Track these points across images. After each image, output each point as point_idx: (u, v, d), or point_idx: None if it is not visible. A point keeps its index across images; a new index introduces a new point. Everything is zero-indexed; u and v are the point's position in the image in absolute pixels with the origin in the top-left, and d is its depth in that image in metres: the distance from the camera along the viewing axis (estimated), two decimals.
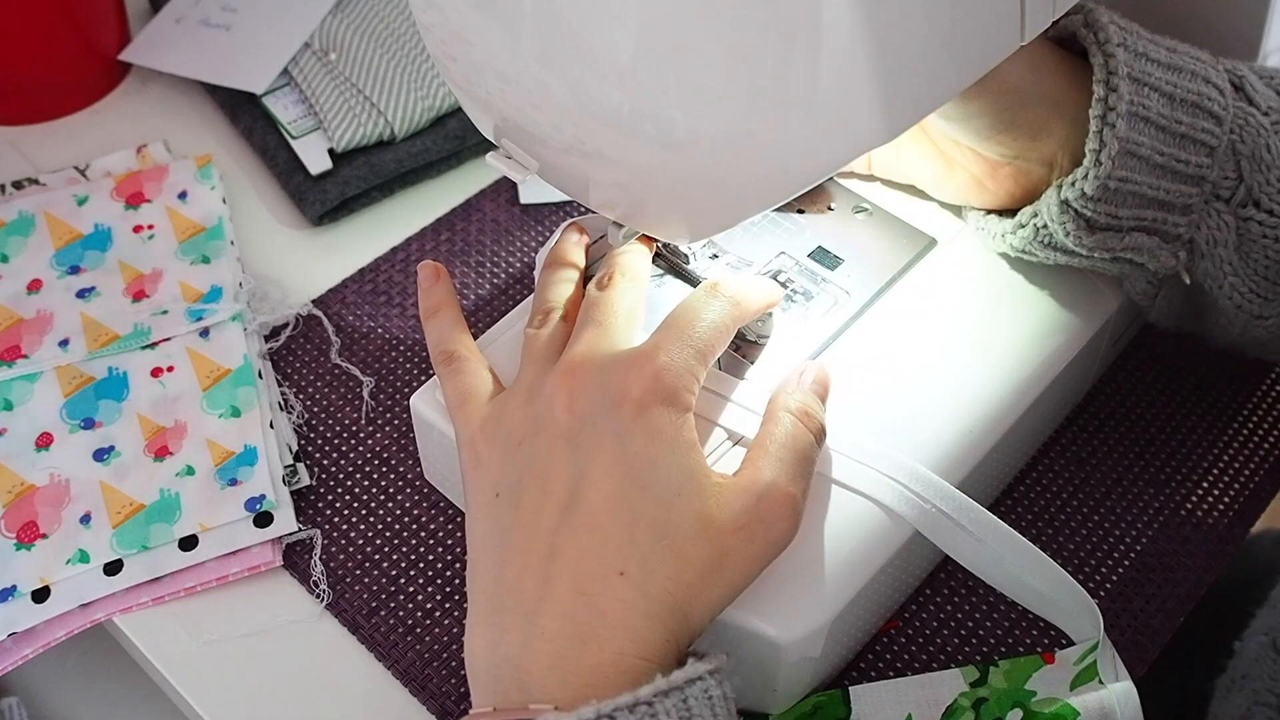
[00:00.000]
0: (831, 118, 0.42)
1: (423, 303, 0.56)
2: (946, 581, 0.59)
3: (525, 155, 0.49)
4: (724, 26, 0.39)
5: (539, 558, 0.45)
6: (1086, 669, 0.52)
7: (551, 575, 0.44)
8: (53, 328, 0.66)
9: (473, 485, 0.49)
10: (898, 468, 0.51)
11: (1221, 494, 0.63)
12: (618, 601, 0.44)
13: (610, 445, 0.46)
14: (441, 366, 0.53)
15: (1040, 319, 0.58)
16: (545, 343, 0.51)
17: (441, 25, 0.46)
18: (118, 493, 0.60)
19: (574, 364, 0.48)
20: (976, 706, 0.53)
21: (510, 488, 0.47)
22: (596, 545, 0.45)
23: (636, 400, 0.46)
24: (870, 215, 0.61)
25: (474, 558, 0.47)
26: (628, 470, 0.45)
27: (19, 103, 0.78)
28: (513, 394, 0.50)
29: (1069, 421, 0.65)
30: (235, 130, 0.78)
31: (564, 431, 0.47)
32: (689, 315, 0.49)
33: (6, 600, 0.57)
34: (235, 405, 0.63)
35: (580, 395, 0.47)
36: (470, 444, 0.50)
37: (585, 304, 0.51)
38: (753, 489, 0.47)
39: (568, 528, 0.45)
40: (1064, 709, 0.52)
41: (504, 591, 0.45)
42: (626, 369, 0.47)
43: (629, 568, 0.44)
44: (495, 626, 0.45)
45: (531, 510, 0.46)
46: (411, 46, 0.77)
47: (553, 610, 0.44)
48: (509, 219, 0.74)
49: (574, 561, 0.44)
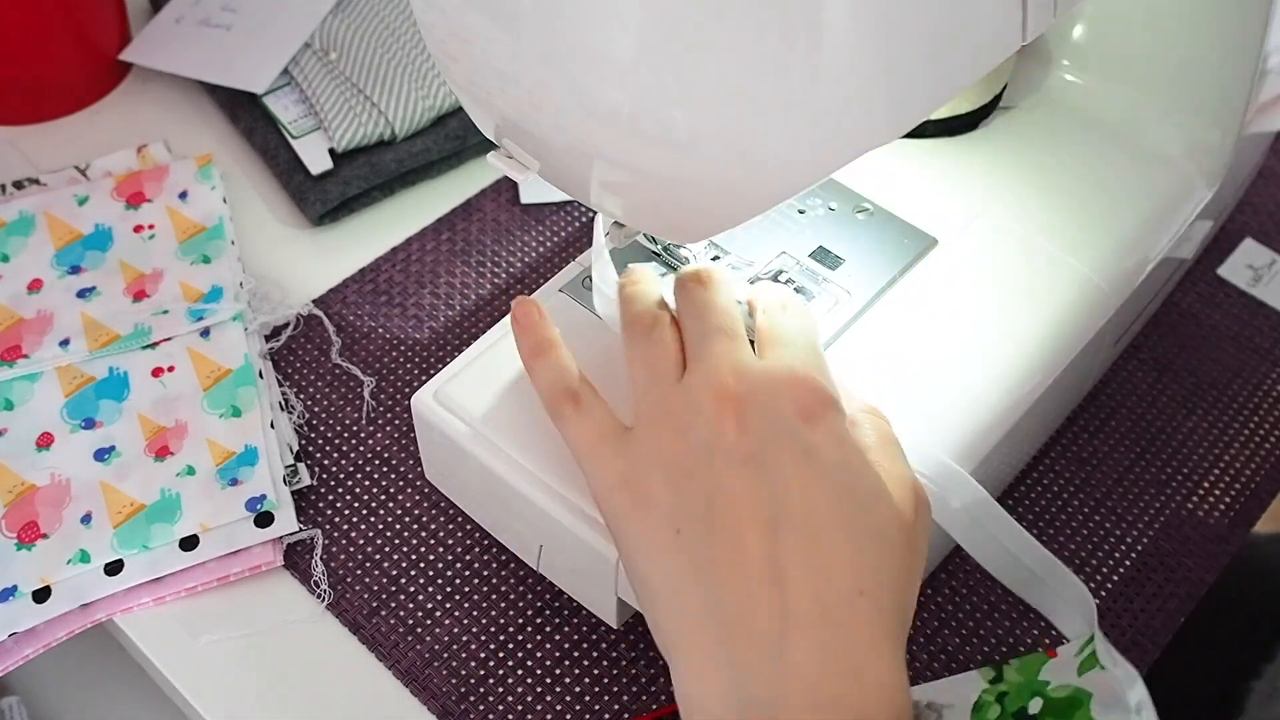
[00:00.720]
0: (832, 117, 0.42)
1: (525, 341, 0.51)
2: (947, 582, 0.59)
3: (526, 155, 0.49)
4: (725, 26, 0.39)
5: (764, 586, 0.41)
6: (1088, 658, 0.54)
7: (789, 604, 0.41)
8: (53, 328, 0.66)
9: (640, 526, 0.44)
10: (912, 455, 0.52)
11: (1223, 494, 0.63)
12: (866, 624, 0.41)
13: (802, 458, 0.43)
14: (565, 407, 0.48)
15: (1041, 320, 0.58)
16: (660, 358, 0.48)
17: (442, 25, 0.46)
18: (118, 493, 0.60)
19: (724, 383, 0.45)
20: (1000, 699, 0.55)
21: (697, 518, 0.43)
22: (828, 564, 0.41)
23: (811, 412, 0.44)
24: (871, 215, 0.61)
25: (668, 602, 0.43)
26: (829, 481, 0.43)
27: (19, 102, 0.78)
28: (656, 425, 0.46)
29: (1069, 421, 0.65)
30: (236, 130, 0.78)
31: (744, 455, 0.43)
32: (787, 332, 0.48)
33: (7, 600, 0.57)
34: (236, 405, 0.63)
35: (751, 415, 0.44)
36: (626, 485, 0.45)
37: (696, 311, 0.48)
38: (907, 483, 0.46)
39: (788, 551, 0.42)
40: (1078, 692, 0.53)
41: (727, 629, 0.41)
42: (789, 384, 0.45)
43: (866, 585, 0.41)
44: (729, 667, 0.41)
45: (732, 537, 0.42)
46: (412, 46, 0.77)
47: (802, 642, 0.40)
48: (510, 219, 0.74)
49: (810, 585, 0.41)
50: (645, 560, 0.44)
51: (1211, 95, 0.63)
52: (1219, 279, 0.72)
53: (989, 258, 0.60)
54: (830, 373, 0.47)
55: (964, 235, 0.60)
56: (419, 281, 0.71)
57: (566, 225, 0.74)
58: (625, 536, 0.45)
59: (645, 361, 0.48)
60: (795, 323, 0.49)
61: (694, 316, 0.48)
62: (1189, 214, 0.62)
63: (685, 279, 0.50)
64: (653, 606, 0.44)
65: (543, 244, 0.72)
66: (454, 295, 0.70)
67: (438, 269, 0.71)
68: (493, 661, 0.57)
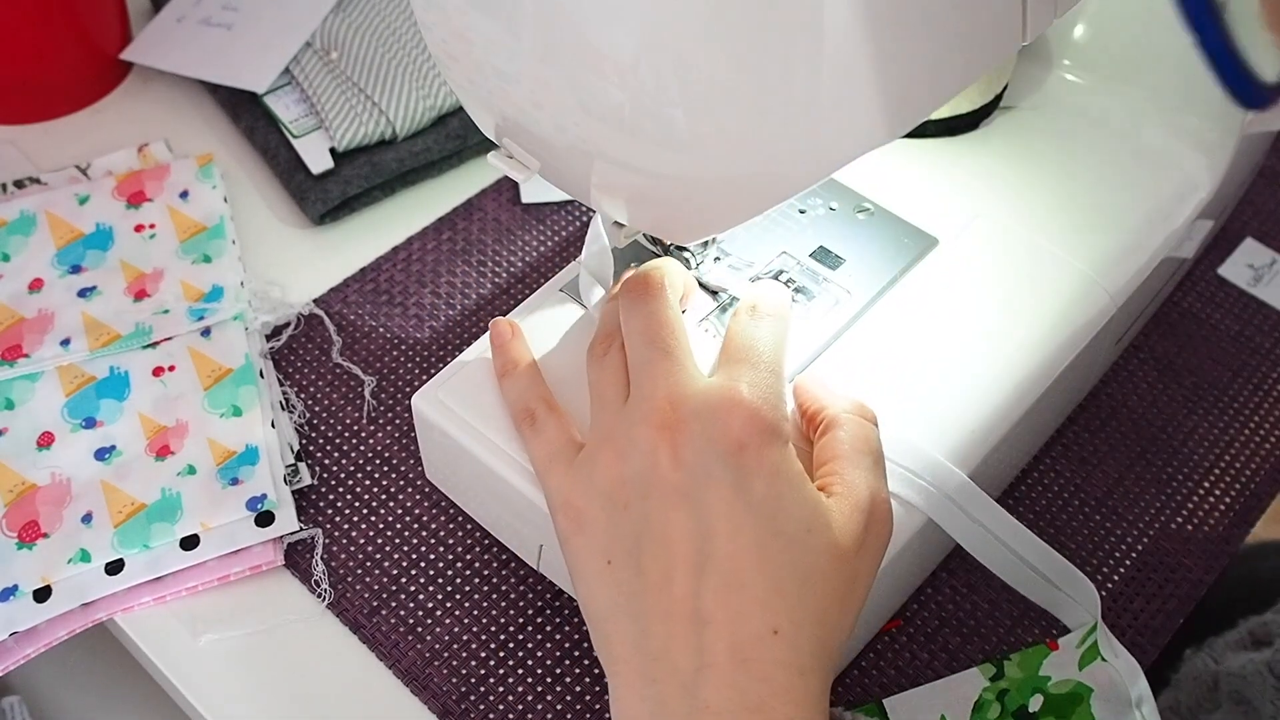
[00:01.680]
0: (832, 117, 0.42)
1: (498, 359, 0.53)
2: (948, 581, 0.59)
3: (526, 154, 0.49)
4: (725, 26, 0.39)
5: (684, 624, 0.42)
6: (1089, 650, 0.54)
7: (705, 644, 0.42)
8: (54, 327, 0.66)
9: (578, 551, 0.46)
10: (904, 454, 0.52)
11: (1222, 495, 0.63)
12: (777, 664, 0.42)
13: (730, 495, 0.43)
14: (524, 426, 0.50)
15: (1041, 319, 0.58)
16: (608, 382, 0.48)
17: (442, 24, 0.46)
18: (119, 492, 0.60)
19: (662, 411, 0.45)
20: (1000, 698, 0.55)
21: (626, 553, 0.44)
22: (746, 605, 0.42)
23: (743, 442, 0.44)
24: (872, 215, 0.61)
25: (600, 626, 0.45)
26: (756, 518, 0.43)
27: (20, 102, 0.78)
28: (600, 450, 0.47)
29: (1069, 421, 0.65)
30: (236, 129, 0.78)
31: (676, 488, 0.44)
32: (748, 342, 0.47)
33: (8, 599, 0.57)
34: (237, 404, 0.63)
35: (685, 446, 0.44)
36: (567, 508, 0.47)
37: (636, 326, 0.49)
38: (860, 504, 0.45)
39: (709, 590, 0.43)
40: (1079, 688, 0.54)
41: (651, 662, 0.43)
42: (725, 411, 0.45)
43: (781, 624, 0.42)
44: (651, 700, 0.42)
45: (659, 574, 0.43)
46: (413, 45, 0.77)
47: (714, 681, 0.42)
48: (510, 218, 0.74)
49: (727, 626, 0.42)
50: (582, 583, 0.46)
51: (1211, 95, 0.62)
52: (1220, 279, 0.72)
53: (989, 258, 0.60)
54: (783, 390, 0.47)
55: (964, 235, 0.60)
56: (420, 281, 0.71)
57: (567, 225, 0.74)
58: (567, 556, 0.47)
59: (596, 385, 0.49)
60: (762, 332, 0.48)
61: (634, 333, 0.48)
62: (1189, 214, 0.62)
63: (626, 287, 0.50)
64: (591, 626, 0.46)
65: (543, 244, 0.73)
66: (454, 295, 0.70)
67: (438, 268, 0.71)
68: (493, 661, 0.57)
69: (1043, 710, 0.54)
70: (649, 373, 0.47)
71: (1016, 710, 0.54)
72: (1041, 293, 0.59)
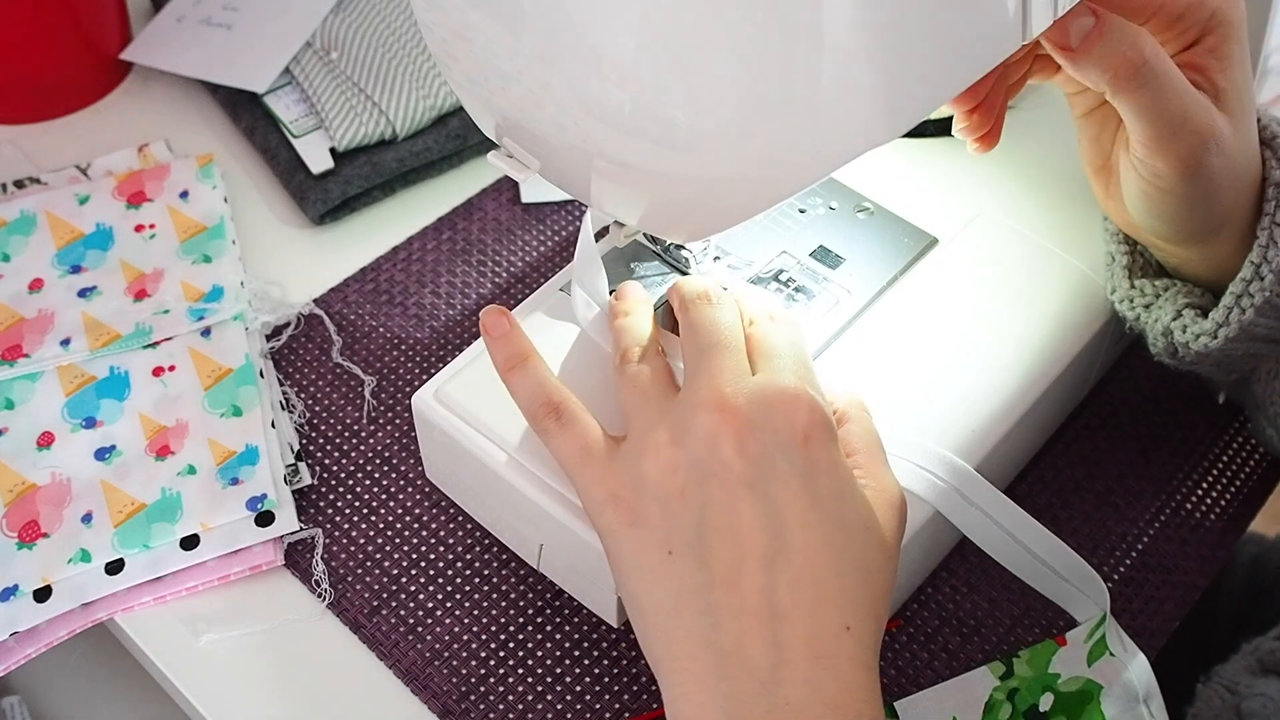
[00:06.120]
0: (833, 117, 0.42)
1: (499, 353, 0.50)
2: (948, 580, 0.59)
3: (527, 154, 0.49)
4: (726, 25, 0.39)
5: (758, 619, 0.42)
6: (1097, 644, 0.54)
7: (782, 639, 0.42)
8: (54, 327, 0.66)
9: (633, 544, 0.45)
10: (912, 449, 0.52)
11: (1221, 494, 0.63)
12: (849, 660, 0.42)
13: (799, 487, 0.43)
14: (547, 421, 0.48)
15: (1041, 319, 0.58)
16: (651, 378, 0.48)
17: (443, 24, 0.46)
18: (119, 492, 0.60)
19: (723, 399, 0.45)
20: (1011, 697, 0.55)
21: (688, 543, 0.43)
22: (820, 600, 0.42)
23: (808, 435, 0.44)
24: (872, 214, 0.61)
25: (660, 623, 0.44)
26: (824, 513, 0.43)
27: (20, 102, 0.78)
28: (647, 438, 0.46)
29: (1069, 421, 0.65)
30: (237, 129, 0.78)
31: (741, 477, 0.43)
32: (778, 346, 0.47)
33: (8, 599, 0.57)
34: (237, 404, 0.63)
35: (749, 436, 0.44)
36: (616, 501, 0.45)
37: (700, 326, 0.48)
38: (894, 501, 0.46)
39: (783, 584, 0.42)
40: (1089, 685, 0.53)
41: (723, 658, 0.42)
42: (789, 404, 0.44)
43: (851, 620, 0.42)
44: (725, 697, 0.42)
45: (727, 567, 0.43)
46: (413, 45, 0.77)
47: (793, 679, 0.41)
48: (510, 218, 0.74)
49: (803, 622, 0.42)
50: (636, 579, 0.45)
51: None
52: None
53: (989, 257, 0.60)
54: (820, 385, 0.47)
55: (964, 235, 0.60)
56: (420, 281, 0.71)
57: (567, 225, 0.74)
58: (616, 554, 0.45)
59: (635, 381, 0.48)
60: (784, 334, 0.48)
61: (697, 329, 0.48)
62: None
63: (692, 298, 0.50)
64: (643, 624, 0.44)
65: (543, 243, 0.73)
66: (455, 294, 0.70)
67: (438, 268, 0.71)
68: (493, 661, 0.57)
69: (1053, 709, 0.54)
70: (708, 365, 0.46)
71: (1027, 710, 0.54)
72: (1041, 292, 0.59)
